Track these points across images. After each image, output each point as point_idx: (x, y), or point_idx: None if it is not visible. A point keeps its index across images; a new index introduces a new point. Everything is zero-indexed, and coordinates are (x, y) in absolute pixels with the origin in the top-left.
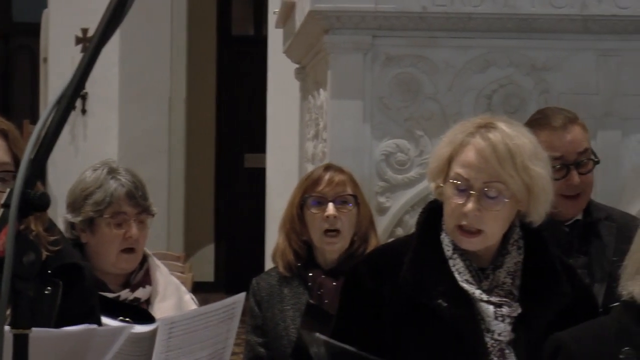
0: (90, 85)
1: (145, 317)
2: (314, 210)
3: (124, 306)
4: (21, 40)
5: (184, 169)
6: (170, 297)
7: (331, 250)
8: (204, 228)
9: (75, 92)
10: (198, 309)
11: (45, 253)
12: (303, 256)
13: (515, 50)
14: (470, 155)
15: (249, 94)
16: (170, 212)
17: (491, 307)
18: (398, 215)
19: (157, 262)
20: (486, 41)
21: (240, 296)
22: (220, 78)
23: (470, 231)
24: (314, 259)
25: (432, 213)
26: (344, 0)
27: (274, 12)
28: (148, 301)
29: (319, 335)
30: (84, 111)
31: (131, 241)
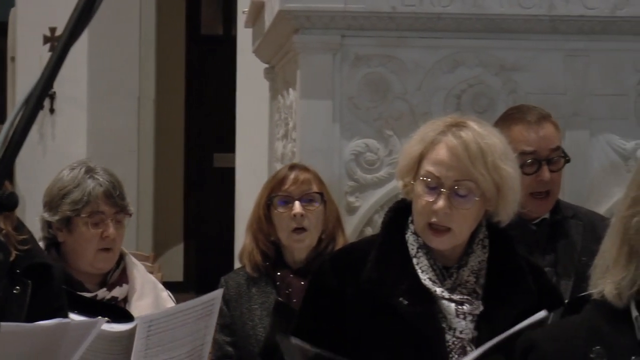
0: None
1: (124, 316)
2: (280, 209)
3: (102, 305)
4: None
5: (153, 168)
6: (148, 295)
7: (299, 248)
8: (173, 228)
9: (44, 91)
10: (176, 306)
11: (14, 252)
12: (271, 256)
13: (484, 51)
14: (442, 153)
15: (218, 93)
16: (139, 212)
17: (452, 305)
18: (368, 214)
19: (134, 260)
20: (455, 41)
21: (218, 292)
22: (189, 77)
23: (439, 230)
24: (282, 258)
25: (398, 212)
26: (313, 0)
27: (243, 12)
28: (125, 300)
29: (294, 340)
30: (52, 110)
31: (108, 241)
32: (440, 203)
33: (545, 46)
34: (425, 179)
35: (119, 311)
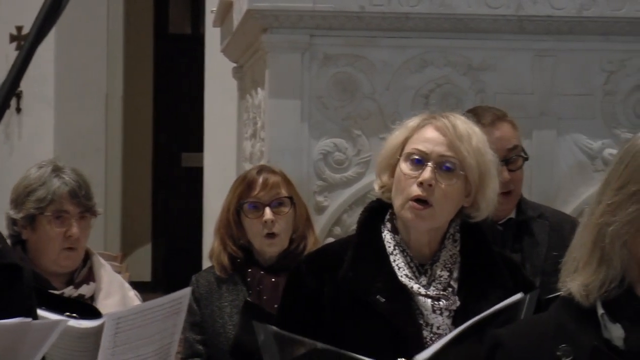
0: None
1: (92, 313)
2: (251, 215)
3: (70, 302)
4: None
5: (120, 167)
6: (115, 294)
7: (271, 252)
8: (141, 227)
9: (10, 90)
10: (144, 304)
11: None
12: (239, 258)
13: (452, 50)
14: (429, 132)
15: (187, 92)
16: (107, 212)
17: (429, 301)
18: (336, 214)
19: (101, 259)
20: (423, 41)
21: (186, 291)
22: (157, 76)
23: (420, 207)
24: (252, 256)
25: (373, 212)
26: None
27: (211, 11)
28: (92, 298)
29: (267, 326)
30: (18, 110)
31: (72, 240)
32: (426, 174)
33: (513, 46)
34: (410, 154)
35: (87, 308)
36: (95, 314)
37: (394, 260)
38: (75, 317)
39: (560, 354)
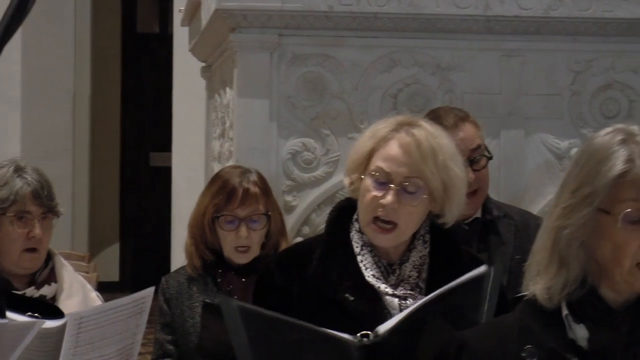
0: None
1: (54, 313)
2: (226, 228)
3: (32, 301)
4: None
5: (88, 167)
6: (76, 295)
7: (241, 261)
8: (108, 227)
9: None
10: (107, 303)
11: None
12: (210, 261)
13: (421, 50)
14: (394, 150)
15: (155, 92)
16: (75, 211)
17: (396, 301)
18: (305, 214)
19: (63, 260)
20: (392, 40)
21: (149, 290)
22: (125, 76)
23: (384, 227)
24: (223, 258)
25: (342, 211)
26: None
27: (179, 10)
28: (54, 299)
29: (231, 299)
30: None
31: (34, 241)
32: (389, 198)
33: (481, 46)
34: (375, 173)
35: (48, 307)
36: (57, 313)
37: (362, 261)
38: (37, 317)
39: (525, 355)
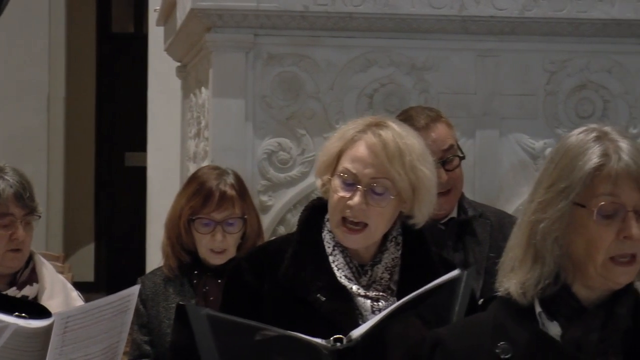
0: None
1: (40, 312)
2: (202, 231)
3: (19, 302)
4: None
5: (63, 167)
6: (58, 295)
7: (217, 263)
8: (83, 228)
9: None
10: (93, 302)
11: None
12: (186, 262)
13: (396, 50)
14: (361, 150)
15: (130, 92)
16: (50, 212)
17: (368, 302)
18: (280, 213)
19: (43, 260)
20: (367, 40)
21: (135, 289)
22: (100, 75)
23: (353, 228)
24: (199, 259)
25: (314, 211)
26: None
27: (154, 10)
28: (35, 299)
29: (200, 308)
30: None
31: (17, 242)
32: (356, 199)
33: (456, 46)
34: (342, 175)
35: (35, 307)
36: (43, 313)
37: (334, 261)
38: (24, 317)
39: (499, 352)
